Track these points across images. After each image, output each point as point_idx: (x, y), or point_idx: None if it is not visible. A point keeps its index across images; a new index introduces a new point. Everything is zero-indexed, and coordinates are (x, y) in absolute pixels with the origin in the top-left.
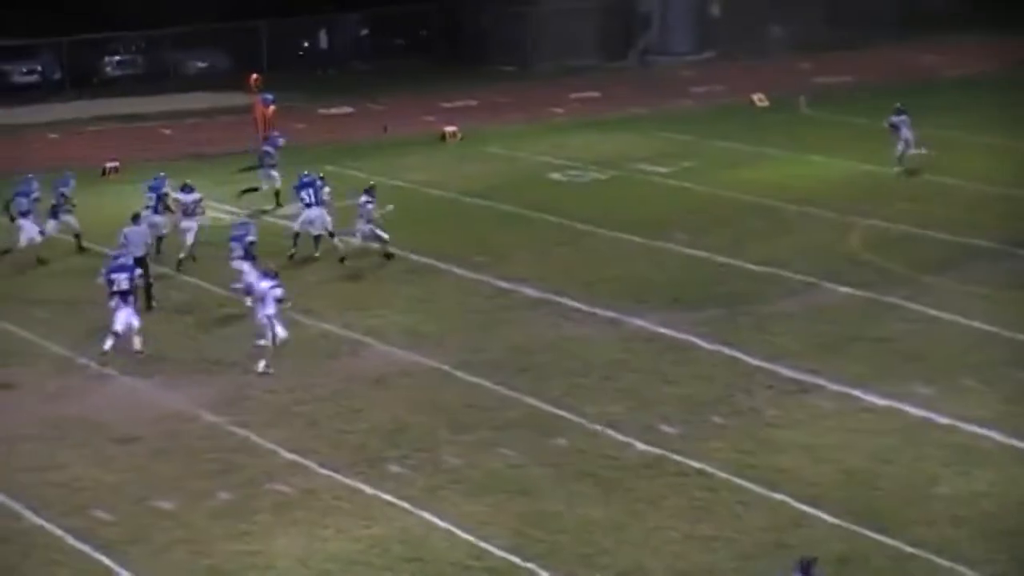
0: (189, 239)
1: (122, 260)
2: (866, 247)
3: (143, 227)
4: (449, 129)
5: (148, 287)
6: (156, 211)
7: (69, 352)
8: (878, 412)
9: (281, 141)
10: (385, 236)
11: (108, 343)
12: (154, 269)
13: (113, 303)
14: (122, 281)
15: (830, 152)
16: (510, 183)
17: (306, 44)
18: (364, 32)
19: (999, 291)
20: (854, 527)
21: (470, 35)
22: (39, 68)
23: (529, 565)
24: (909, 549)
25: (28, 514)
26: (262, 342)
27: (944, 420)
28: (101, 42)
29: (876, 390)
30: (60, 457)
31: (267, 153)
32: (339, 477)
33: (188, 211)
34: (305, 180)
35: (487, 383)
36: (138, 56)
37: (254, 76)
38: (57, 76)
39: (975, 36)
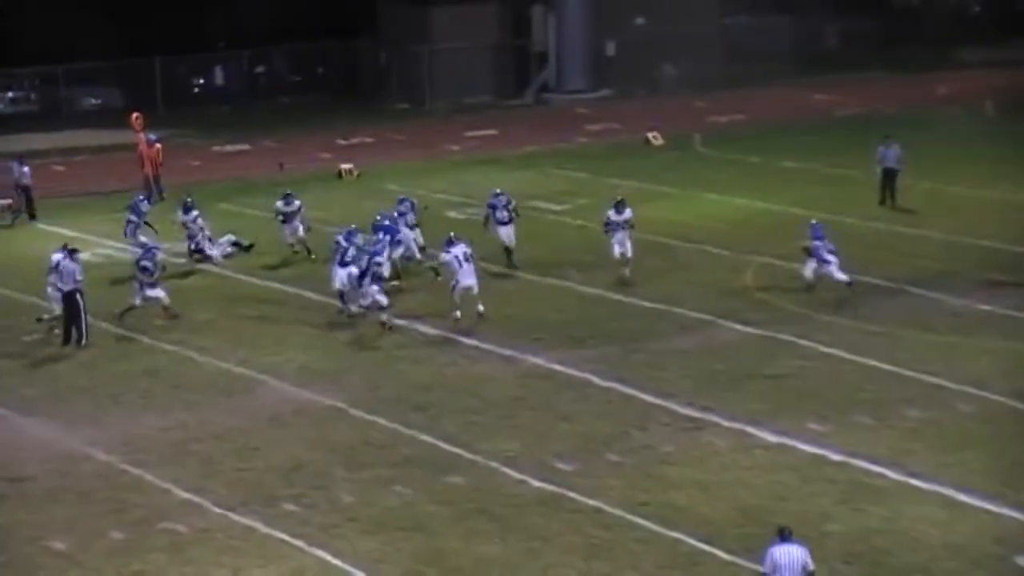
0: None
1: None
2: (760, 285)
3: (77, 263)
4: (345, 166)
5: (74, 322)
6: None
7: None
8: (772, 449)
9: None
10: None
11: (385, 316)
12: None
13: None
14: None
15: (724, 190)
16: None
17: (201, 81)
18: (260, 69)
19: (892, 328)
20: (749, 564)
21: (367, 73)
22: None
23: None
24: None
25: None
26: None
27: (837, 457)
28: None
29: (770, 427)
30: None
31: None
32: (234, 516)
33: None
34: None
35: (382, 421)
36: (31, 92)
37: (135, 115)
38: None
39: (868, 76)
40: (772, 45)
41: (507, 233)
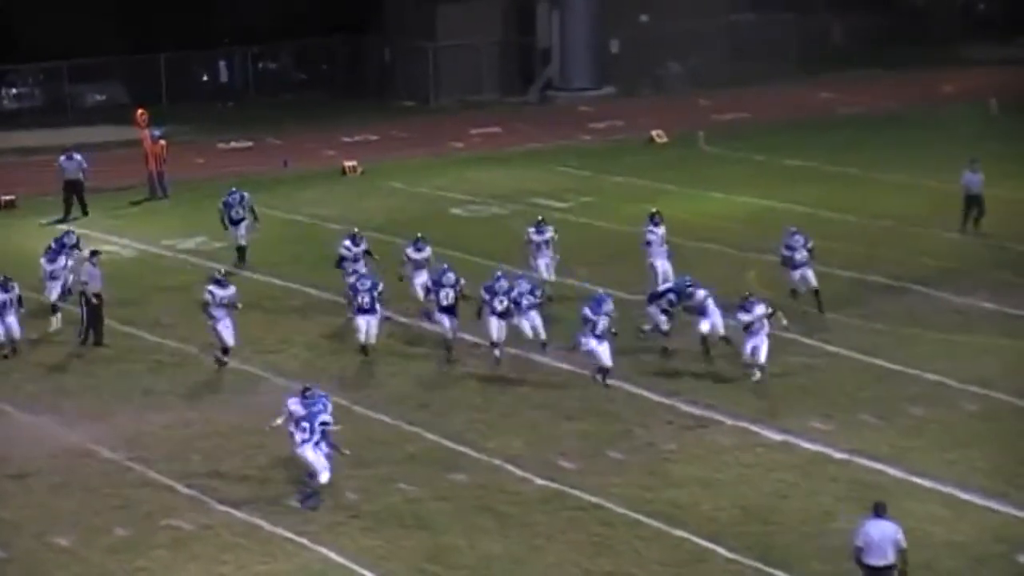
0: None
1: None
2: (764, 283)
3: (96, 267)
4: (349, 163)
5: (97, 324)
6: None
7: None
8: (775, 447)
9: None
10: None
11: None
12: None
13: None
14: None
15: (728, 188)
16: (411, 218)
17: (205, 77)
18: (265, 66)
19: (896, 327)
20: (752, 563)
21: (372, 70)
22: None
23: None
24: None
25: None
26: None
27: (840, 455)
28: None
29: (773, 425)
30: None
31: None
32: (238, 513)
33: (419, 266)
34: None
35: (386, 418)
36: (35, 88)
37: (140, 111)
38: None
39: (873, 74)
40: (777, 43)
41: (804, 276)
